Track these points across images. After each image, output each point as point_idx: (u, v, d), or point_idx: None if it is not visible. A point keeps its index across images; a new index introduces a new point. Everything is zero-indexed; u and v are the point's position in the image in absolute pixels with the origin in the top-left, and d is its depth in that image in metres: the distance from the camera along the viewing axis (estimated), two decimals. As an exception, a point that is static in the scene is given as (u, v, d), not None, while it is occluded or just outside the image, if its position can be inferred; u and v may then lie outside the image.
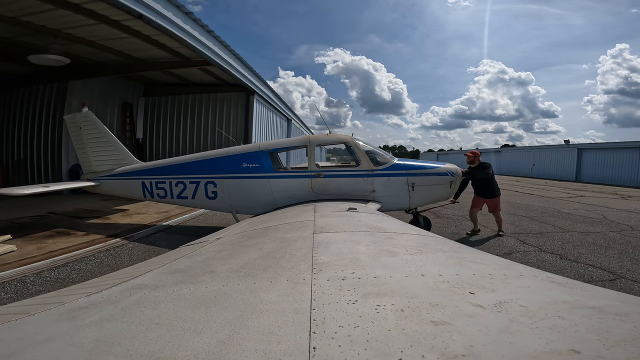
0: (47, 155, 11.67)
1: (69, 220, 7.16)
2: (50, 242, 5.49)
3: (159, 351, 1.01)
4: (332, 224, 3.14)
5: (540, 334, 0.98)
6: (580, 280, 1.51)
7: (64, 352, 1.05)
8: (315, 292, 1.41)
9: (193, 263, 2.12)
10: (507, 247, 5.97)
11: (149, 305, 1.41)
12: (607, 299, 1.28)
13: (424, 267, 1.71)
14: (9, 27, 7.79)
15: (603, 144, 27.45)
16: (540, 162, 31.88)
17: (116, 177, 6.62)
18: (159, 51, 9.86)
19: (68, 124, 7.29)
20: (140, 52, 10.16)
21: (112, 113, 12.99)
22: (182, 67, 11.27)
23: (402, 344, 0.97)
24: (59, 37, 8.34)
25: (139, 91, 14.28)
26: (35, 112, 11.80)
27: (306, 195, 5.63)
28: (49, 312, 1.40)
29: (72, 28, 8.12)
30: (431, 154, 71.01)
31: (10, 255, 4.77)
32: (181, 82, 13.83)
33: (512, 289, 1.39)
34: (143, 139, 14.38)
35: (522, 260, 5.15)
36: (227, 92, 13.86)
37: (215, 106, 14.13)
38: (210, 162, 6.11)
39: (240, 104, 13.77)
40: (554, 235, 6.98)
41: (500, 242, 6.33)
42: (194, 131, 14.32)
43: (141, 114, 14.34)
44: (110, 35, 8.58)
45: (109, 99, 12.75)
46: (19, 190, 6.07)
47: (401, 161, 5.94)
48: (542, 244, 6.18)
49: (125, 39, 8.89)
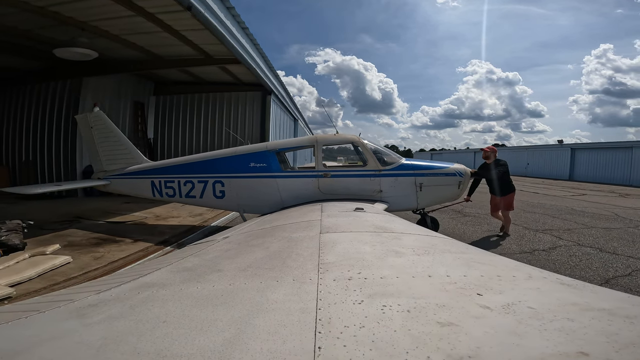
0: (59, 156, 11.34)
1: (105, 226, 7.00)
2: (103, 250, 5.20)
3: (165, 349, 1.02)
4: (338, 224, 3.13)
5: (548, 336, 0.97)
6: (629, 270, 1.47)
7: (72, 349, 1.06)
8: (321, 291, 1.41)
9: (200, 262, 2.14)
10: (548, 243, 6.20)
11: (156, 303, 1.42)
12: (618, 301, 1.26)
13: (431, 267, 1.70)
14: (34, 17, 7.35)
15: (596, 143, 28.42)
16: (534, 162, 32.68)
17: (126, 176, 6.69)
18: (184, 47, 9.51)
19: (79, 124, 7.39)
20: (161, 49, 9.83)
21: (125, 111, 12.71)
22: (203, 64, 10.90)
23: (408, 345, 0.96)
24: (86, 29, 7.97)
25: (149, 89, 14.01)
26: (45, 110, 11.36)
27: (313, 195, 5.63)
28: (59, 310, 1.42)
29: (100, 20, 7.74)
30: (424, 154, 69.55)
31: (68, 267, 4.39)
32: (194, 81, 13.57)
33: (521, 290, 1.37)
34: (154, 138, 14.17)
35: (569, 254, 5.53)
36: (242, 92, 13.64)
37: (229, 106, 13.90)
38: (218, 162, 6.15)
39: (255, 103, 13.57)
40: (581, 231, 7.29)
41: (537, 238, 6.59)
42: (208, 131, 14.06)
43: (152, 112, 14.10)
44: (141, 28, 8.19)
45: (121, 97, 12.43)
46: (31, 189, 6.18)
47: (409, 161, 5.91)
48: (577, 239, 6.51)
49: (155, 34, 8.51)
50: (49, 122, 11.40)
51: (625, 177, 23.95)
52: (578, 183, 23.62)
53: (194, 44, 9.33)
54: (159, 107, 14.32)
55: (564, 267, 4.87)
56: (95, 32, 8.20)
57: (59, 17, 7.39)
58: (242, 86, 13.44)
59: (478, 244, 5.97)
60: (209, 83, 13.75)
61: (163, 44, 9.43)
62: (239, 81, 13.07)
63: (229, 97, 13.88)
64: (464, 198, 6.51)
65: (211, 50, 9.76)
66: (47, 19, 7.48)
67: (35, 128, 11.54)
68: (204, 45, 9.32)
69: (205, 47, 9.47)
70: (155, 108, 14.25)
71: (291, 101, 17.92)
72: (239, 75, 12.25)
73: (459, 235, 6.67)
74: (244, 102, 13.77)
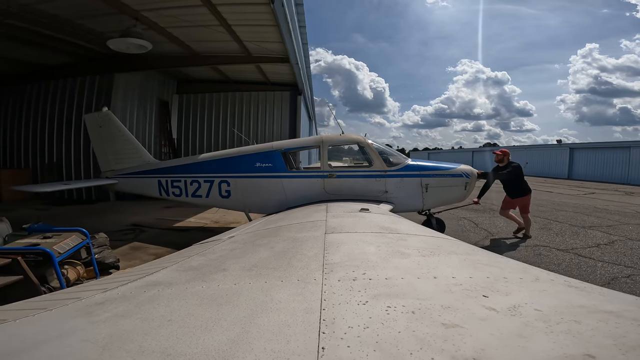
0: (87, 158, 10.46)
1: (174, 234, 6.84)
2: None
3: (170, 348, 1.02)
4: (344, 225, 3.13)
5: (554, 338, 0.96)
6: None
7: (78, 347, 1.07)
8: (325, 292, 1.41)
9: (206, 261, 2.15)
10: (603, 238, 6.49)
11: (162, 302, 1.43)
12: (625, 303, 1.24)
13: (436, 269, 1.69)
14: (83, 5, 6.94)
15: (594, 143, 28.98)
16: (533, 161, 33.08)
17: (133, 175, 6.75)
18: (229, 44, 9.15)
19: (88, 123, 7.44)
20: (202, 44, 9.43)
21: (151, 111, 12.14)
22: (242, 62, 10.42)
23: (412, 346, 0.96)
24: (139, 20, 7.59)
25: (173, 88, 13.60)
26: (72, 108, 10.56)
27: (318, 196, 5.63)
28: (66, 308, 1.43)
29: (154, 10, 7.33)
30: (419, 153, 65.94)
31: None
32: (220, 79, 13.20)
33: (528, 292, 1.36)
34: (178, 138, 13.74)
35: (630, 248, 5.80)
36: (270, 91, 13.43)
37: (256, 105, 13.65)
38: (224, 162, 6.18)
39: (284, 103, 13.38)
40: (621, 227, 7.57)
41: (590, 234, 6.86)
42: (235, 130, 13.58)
43: (175, 111, 13.63)
44: (195, 21, 7.74)
45: (147, 96, 11.84)
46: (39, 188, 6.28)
47: (415, 162, 5.89)
48: (624, 234, 6.80)
49: (205, 28, 8.09)
50: (75, 121, 10.66)
51: (623, 176, 24.46)
52: (579, 182, 24.03)
53: (240, 41, 8.99)
54: (182, 105, 13.95)
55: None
56: (145, 23, 7.88)
57: (115, 3, 7.03)
58: (270, 86, 13.25)
59: (527, 247, 6.01)
60: (235, 82, 13.44)
61: (207, 39, 9.03)
62: (267, 80, 12.86)
63: (255, 97, 13.63)
64: (472, 200, 6.47)
65: (262, 49, 9.30)
66: (101, 5, 7.07)
67: (59, 128, 10.91)
68: (258, 42, 8.90)
69: (256, 44, 9.03)
70: (178, 107, 13.87)
71: (311, 101, 17.81)
72: (269, 74, 12.05)
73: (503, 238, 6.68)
74: (272, 101, 13.57)
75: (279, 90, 13.30)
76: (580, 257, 5.33)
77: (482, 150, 44.30)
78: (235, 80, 13.36)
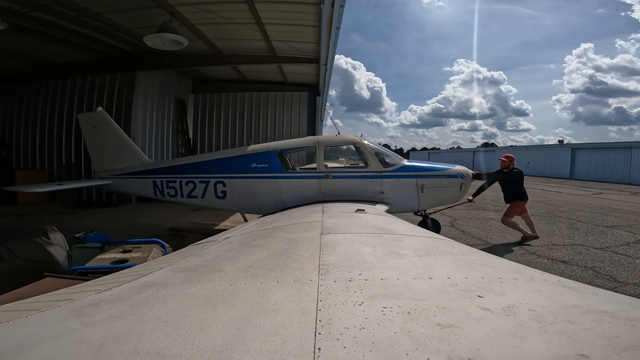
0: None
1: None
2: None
3: (165, 349, 1.02)
4: (339, 225, 3.13)
5: (548, 338, 0.97)
6: None
7: (72, 349, 1.06)
8: (321, 292, 1.41)
9: (201, 262, 2.14)
10: (630, 237, 6.78)
11: (157, 303, 1.42)
12: (619, 303, 1.25)
13: (431, 269, 1.69)
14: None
15: (596, 144, 29.52)
16: (534, 161, 33.38)
17: (128, 175, 6.71)
18: (257, 43, 8.93)
19: (81, 123, 7.37)
20: (227, 42, 9.18)
21: (168, 110, 11.93)
22: (264, 62, 10.18)
23: (408, 347, 0.96)
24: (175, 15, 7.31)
25: (189, 87, 13.38)
26: (91, 107, 9.99)
27: (314, 196, 5.63)
28: (59, 309, 1.42)
29: (192, 5, 7.06)
30: (419, 153, 66.00)
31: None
32: (237, 79, 12.97)
33: (522, 292, 1.37)
34: (193, 138, 13.46)
35: None
36: (288, 92, 13.27)
37: (273, 105, 13.44)
38: (220, 162, 6.16)
39: (302, 103, 13.22)
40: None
41: (616, 233, 7.11)
42: (251, 130, 13.45)
43: (190, 111, 13.38)
44: (235, 17, 7.48)
45: (165, 95, 11.66)
46: (33, 188, 6.23)
47: (410, 162, 5.90)
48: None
49: (246, 25, 7.85)
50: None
51: (625, 176, 24.77)
52: (583, 182, 24.25)
53: (269, 39, 8.73)
54: (197, 105, 13.72)
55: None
56: (179, 18, 7.63)
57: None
58: (287, 86, 13.10)
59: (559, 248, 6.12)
60: (252, 81, 13.25)
61: (234, 37, 8.79)
62: (285, 81, 12.72)
63: (273, 97, 13.44)
64: (467, 198, 6.50)
65: (291, 48, 8.98)
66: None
67: (77, 127, 10.26)
68: (289, 42, 8.59)
69: (287, 44, 8.71)
70: (194, 106, 13.64)
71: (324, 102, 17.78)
72: (288, 75, 11.91)
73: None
74: (289, 102, 13.41)
75: (297, 91, 13.16)
76: (617, 254, 5.59)
77: (481, 150, 44.75)
78: (252, 80, 13.16)
